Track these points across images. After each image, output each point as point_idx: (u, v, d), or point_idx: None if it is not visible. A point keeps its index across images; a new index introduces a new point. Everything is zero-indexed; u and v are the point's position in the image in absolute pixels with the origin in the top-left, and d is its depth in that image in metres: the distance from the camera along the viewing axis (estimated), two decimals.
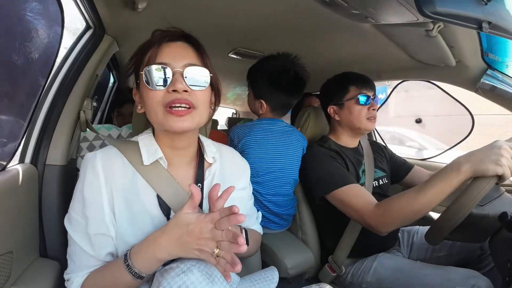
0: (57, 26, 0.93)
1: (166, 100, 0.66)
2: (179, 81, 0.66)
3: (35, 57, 0.93)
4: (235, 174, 0.87)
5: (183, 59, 0.69)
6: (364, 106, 1.28)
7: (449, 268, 1.02)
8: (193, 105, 0.67)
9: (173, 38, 0.71)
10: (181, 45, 0.71)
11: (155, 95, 0.67)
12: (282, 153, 1.33)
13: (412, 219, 0.96)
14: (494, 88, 1.16)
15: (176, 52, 0.69)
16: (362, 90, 1.29)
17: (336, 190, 1.14)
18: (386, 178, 1.39)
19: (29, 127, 1.02)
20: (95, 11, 1.06)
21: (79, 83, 1.11)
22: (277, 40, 1.42)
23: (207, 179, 0.79)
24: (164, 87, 0.66)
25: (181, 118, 0.66)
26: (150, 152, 0.73)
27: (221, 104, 0.85)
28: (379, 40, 1.24)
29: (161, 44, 0.69)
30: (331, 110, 1.37)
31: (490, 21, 0.76)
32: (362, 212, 1.05)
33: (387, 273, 1.12)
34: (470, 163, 0.83)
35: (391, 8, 0.93)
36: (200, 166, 0.79)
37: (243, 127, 1.36)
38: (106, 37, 1.19)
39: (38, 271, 0.91)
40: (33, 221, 0.98)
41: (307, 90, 2.38)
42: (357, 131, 1.34)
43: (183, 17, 1.19)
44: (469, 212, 0.81)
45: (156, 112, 0.68)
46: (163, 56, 0.68)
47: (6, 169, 0.89)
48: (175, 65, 0.67)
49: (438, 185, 0.88)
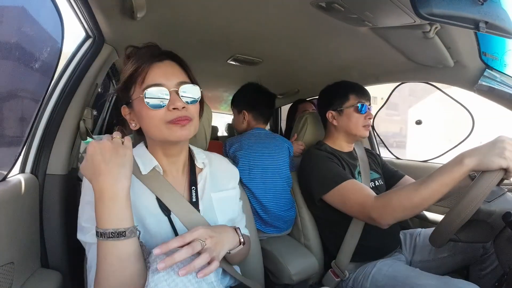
0: (57, 35, 0.94)
1: (169, 117, 0.72)
2: (177, 99, 0.72)
3: (36, 67, 0.94)
4: (225, 177, 0.94)
5: (174, 78, 0.75)
6: (362, 114, 1.33)
7: (446, 279, 1.00)
8: (190, 118, 0.75)
9: (161, 58, 0.76)
10: (169, 65, 0.77)
11: (156, 114, 0.72)
12: (271, 155, 1.46)
13: (413, 212, 0.96)
14: (492, 88, 1.16)
15: (167, 72, 0.75)
16: (361, 99, 1.35)
17: (334, 188, 1.15)
18: (381, 180, 1.42)
19: (30, 136, 1.02)
20: (94, 20, 1.07)
21: (79, 92, 1.12)
22: (276, 45, 1.43)
23: (200, 182, 0.86)
24: (163, 106, 0.72)
25: (184, 127, 0.73)
26: (145, 162, 0.80)
27: (219, 111, 0.91)
28: (376, 43, 1.25)
29: (150, 65, 0.74)
30: (329, 115, 1.41)
31: (487, 21, 0.76)
32: (364, 206, 1.05)
33: (384, 280, 1.12)
34: (473, 156, 0.83)
35: (388, 11, 0.94)
36: (193, 172, 0.86)
37: (233, 138, 1.55)
38: (105, 46, 1.20)
39: (40, 281, 0.90)
40: (34, 231, 0.97)
41: (305, 94, 2.43)
42: (353, 137, 1.39)
43: (182, 25, 1.20)
44: (478, 207, 0.80)
45: (159, 128, 0.73)
46: (156, 77, 0.73)
47: (7, 179, 0.89)
48: (170, 84, 0.73)
49: (440, 178, 0.88)
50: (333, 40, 1.32)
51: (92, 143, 0.63)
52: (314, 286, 1.39)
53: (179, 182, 0.83)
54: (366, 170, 1.37)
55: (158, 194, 0.77)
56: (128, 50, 0.81)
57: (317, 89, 2.32)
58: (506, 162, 0.79)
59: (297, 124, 1.67)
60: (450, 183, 0.87)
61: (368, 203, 1.04)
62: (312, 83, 2.16)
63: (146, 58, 0.75)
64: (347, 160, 1.35)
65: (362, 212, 1.07)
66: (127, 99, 0.77)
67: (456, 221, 0.83)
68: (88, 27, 1.13)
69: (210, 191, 0.86)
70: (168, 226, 0.76)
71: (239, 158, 1.41)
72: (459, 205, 0.82)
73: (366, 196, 1.07)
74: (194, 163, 0.88)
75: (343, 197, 1.14)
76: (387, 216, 0.99)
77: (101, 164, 0.61)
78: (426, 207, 0.94)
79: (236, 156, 1.43)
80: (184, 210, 0.78)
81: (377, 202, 1.02)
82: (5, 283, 0.76)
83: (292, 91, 2.45)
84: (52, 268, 1.01)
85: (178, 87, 0.73)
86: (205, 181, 0.87)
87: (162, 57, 0.77)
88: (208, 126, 1.21)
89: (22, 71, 0.89)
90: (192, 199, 0.82)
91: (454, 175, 0.86)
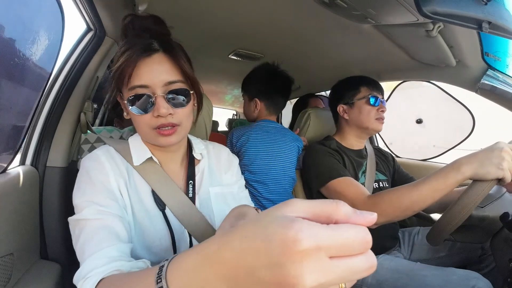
0: (57, 28, 0.93)
1: (153, 124, 0.70)
2: (162, 106, 0.68)
3: (36, 59, 0.93)
4: (222, 168, 0.88)
5: (162, 76, 0.69)
6: (373, 106, 1.30)
7: (449, 270, 1.01)
8: (176, 124, 0.71)
9: (150, 52, 0.69)
10: (158, 60, 0.70)
11: (142, 119, 0.70)
12: (278, 151, 1.38)
13: (403, 214, 0.95)
14: (494, 88, 1.15)
15: (153, 70, 0.68)
16: (373, 91, 1.32)
17: (331, 182, 1.16)
18: (386, 182, 1.40)
19: (30, 129, 1.03)
20: (96, 13, 1.06)
21: (79, 85, 1.11)
22: (277, 41, 1.42)
23: (197, 175, 0.82)
24: (148, 112, 0.69)
25: (168, 137, 0.71)
26: (139, 153, 0.77)
27: (221, 105, 0.88)
28: (379, 40, 1.24)
29: (137, 62, 0.67)
30: (340, 109, 1.39)
31: (490, 21, 0.75)
32: (354, 202, 1.05)
33: (387, 274, 1.12)
34: (471, 165, 0.83)
35: (391, 9, 0.93)
36: (191, 164, 0.82)
37: (241, 129, 1.42)
38: (106, 39, 1.19)
39: (39, 273, 0.91)
40: (34, 223, 0.98)
41: (306, 90, 2.41)
42: (365, 131, 1.35)
43: (183, 19, 1.19)
44: (469, 214, 0.81)
45: (145, 132, 0.72)
46: (142, 76, 0.68)
47: (7, 171, 0.89)
48: (156, 85, 0.68)
49: (434, 183, 0.88)
50: (335, 36, 1.31)
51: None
52: None
53: (176, 175, 0.80)
54: (372, 169, 1.36)
55: (153, 187, 0.74)
56: (127, 19, 0.74)
57: (318, 85, 2.34)
58: (503, 173, 0.79)
59: (300, 120, 1.66)
60: (444, 189, 0.86)
61: (359, 200, 1.05)
62: (313, 79, 2.15)
63: (134, 50, 0.68)
64: (353, 158, 1.33)
65: (352, 207, 1.05)
66: (120, 89, 0.72)
67: (448, 226, 0.83)
68: (90, 20, 1.12)
69: (208, 185, 0.82)
70: (162, 221, 0.72)
71: (244, 152, 1.35)
72: (451, 211, 0.82)
73: (359, 193, 1.08)
74: (193, 155, 0.84)
75: (337, 191, 1.14)
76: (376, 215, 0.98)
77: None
78: (417, 210, 0.93)
79: (241, 150, 1.37)
80: (181, 205, 0.75)
81: (369, 200, 1.03)
82: (4, 274, 0.76)
83: (293, 87, 2.42)
84: (52, 259, 1.02)
85: (165, 89, 0.69)
86: (203, 174, 0.83)
87: (152, 51, 0.69)
88: (209, 120, 1.20)
89: (22, 63, 0.89)
90: (189, 194, 0.78)
91: (448, 182, 0.86)
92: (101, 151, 0.74)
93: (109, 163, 0.72)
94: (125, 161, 0.75)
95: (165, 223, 0.72)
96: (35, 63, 0.94)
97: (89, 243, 0.58)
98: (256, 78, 1.46)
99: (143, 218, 0.72)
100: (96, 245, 0.58)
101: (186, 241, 0.74)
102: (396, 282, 1.07)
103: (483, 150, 0.85)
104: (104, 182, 0.68)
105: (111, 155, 0.74)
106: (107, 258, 0.55)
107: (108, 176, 0.69)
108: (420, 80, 1.64)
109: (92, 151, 0.75)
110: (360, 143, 1.41)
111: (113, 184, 0.69)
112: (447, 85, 1.47)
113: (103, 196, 0.66)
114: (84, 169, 0.70)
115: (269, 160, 1.36)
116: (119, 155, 0.76)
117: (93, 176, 0.68)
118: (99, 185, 0.67)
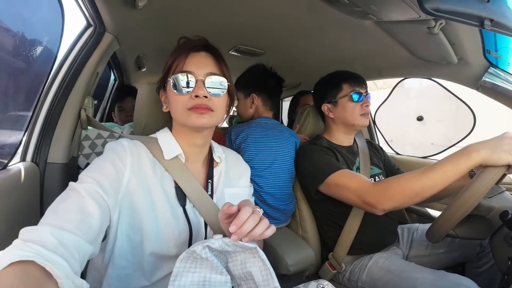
0: (57, 24, 0.93)
1: (189, 104, 0.75)
2: (200, 88, 0.75)
3: (36, 55, 0.93)
4: (238, 174, 0.96)
5: (205, 68, 0.78)
6: (357, 103, 1.30)
7: (441, 273, 1.01)
8: (211, 108, 0.77)
9: (198, 49, 0.80)
10: (204, 56, 0.80)
11: (180, 99, 0.76)
12: (278, 146, 1.40)
13: (411, 200, 0.95)
14: (495, 86, 1.15)
15: (199, 62, 0.78)
16: (355, 87, 1.31)
17: (328, 177, 1.15)
18: (382, 175, 1.40)
19: (30, 125, 1.03)
20: (96, 9, 1.06)
21: (79, 81, 1.11)
22: (278, 37, 1.42)
23: (215, 176, 0.89)
24: (188, 93, 0.76)
25: (201, 115, 0.76)
26: (170, 148, 0.81)
27: None
28: (380, 37, 1.23)
29: (188, 54, 0.78)
30: (325, 108, 1.39)
31: (492, 19, 0.75)
32: (360, 190, 1.05)
33: (380, 273, 1.13)
34: (482, 151, 0.83)
35: (393, 5, 0.93)
36: (210, 165, 0.89)
37: (239, 126, 1.44)
38: (106, 35, 1.19)
39: None
40: (34, 219, 0.97)
41: (306, 87, 2.41)
42: (351, 128, 1.36)
43: (183, 14, 1.18)
44: (479, 201, 0.81)
45: (180, 113, 0.77)
46: (188, 65, 0.78)
47: (8, 167, 0.89)
48: (198, 73, 0.76)
49: (445, 168, 0.88)
50: (336, 33, 1.30)
51: None
52: (310, 277, 1.40)
53: (198, 173, 0.85)
54: (367, 164, 1.35)
55: (179, 182, 0.78)
56: (181, 40, 0.85)
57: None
58: None
59: (300, 117, 1.66)
60: (454, 175, 0.87)
61: (365, 188, 1.04)
62: (314, 76, 2.12)
63: (185, 48, 0.79)
64: (345, 155, 1.34)
65: (359, 197, 1.06)
66: (164, 83, 0.82)
67: (456, 215, 0.84)
68: (89, 16, 1.11)
69: (224, 186, 0.89)
70: (182, 216, 0.77)
71: (244, 148, 1.36)
72: (460, 199, 0.82)
73: (363, 181, 1.07)
74: (213, 156, 0.90)
75: (338, 184, 1.13)
76: (385, 201, 0.98)
77: None
78: (426, 196, 0.93)
79: (241, 147, 1.38)
80: (203, 201, 0.80)
81: (376, 187, 1.02)
82: None
83: (294, 83, 2.43)
84: None
85: (205, 77, 0.76)
86: (220, 176, 0.90)
87: (199, 48, 0.80)
88: None
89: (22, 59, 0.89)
90: (208, 191, 0.84)
91: (459, 167, 0.86)
92: (129, 142, 0.77)
93: (132, 156, 0.74)
94: (151, 155, 0.78)
95: (185, 218, 0.77)
96: (35, 59, 0.93)
97: (59, 213, 0.57)
98: (253, 74, 1.52)
99: (166, 211, 0.75)
100: (63, 221, 0.56)
101: (202, 235, 0.80)
102: (388, 283, 1.08)
103: (493, 138, 0.86)
104: (118, 171, 0.70)
105: (138, 150, 0.77)
106: (56, 243, 0.51)
107: (125, 168, 0.71)
108: (421, 77, 1.63)
109: (118, 140, 0.78)
110: (349, 139, 1.41)
111: (125, 178, 0.71)
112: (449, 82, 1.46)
113: (108, 183, 0.67)
114: (107, 150, 0.74)
115: (269, 154, 1.37)
116: (146, 150, 0.79)
117: (112, 160, 0.71)
118: (112, 170, 0.69)
